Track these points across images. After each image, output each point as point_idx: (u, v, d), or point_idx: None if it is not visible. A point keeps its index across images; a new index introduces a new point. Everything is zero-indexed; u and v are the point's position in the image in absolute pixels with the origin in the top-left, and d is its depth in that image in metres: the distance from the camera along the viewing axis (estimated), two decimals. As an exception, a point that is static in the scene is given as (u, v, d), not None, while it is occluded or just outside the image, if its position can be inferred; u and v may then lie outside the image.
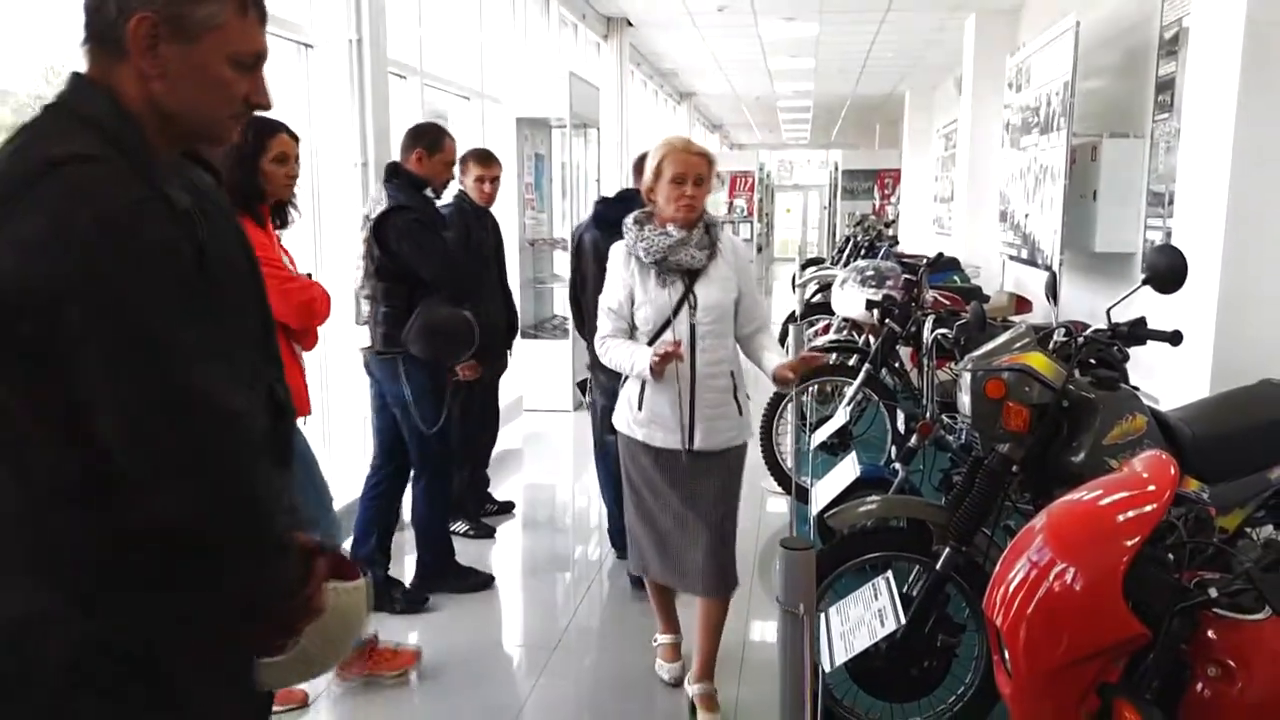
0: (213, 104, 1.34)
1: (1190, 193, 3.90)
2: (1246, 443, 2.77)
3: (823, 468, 3.91)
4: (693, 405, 2.94)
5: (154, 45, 1.27)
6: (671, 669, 3.36)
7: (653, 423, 2.98)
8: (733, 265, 3.02)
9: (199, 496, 1.22)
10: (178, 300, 1.22)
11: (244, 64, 1.34)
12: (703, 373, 2.94)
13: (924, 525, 2.79)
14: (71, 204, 1.16)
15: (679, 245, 2.91)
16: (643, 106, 13.27)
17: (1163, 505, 1.52)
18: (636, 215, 3.01)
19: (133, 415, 1.19)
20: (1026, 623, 1.51)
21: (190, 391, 1.21)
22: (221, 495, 1.24)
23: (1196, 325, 3.56)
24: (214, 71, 1.31)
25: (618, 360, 2.99)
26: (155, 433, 1.20)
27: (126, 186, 1.21)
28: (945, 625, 2.72)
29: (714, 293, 2.96)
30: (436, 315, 3.66)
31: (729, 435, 3.01)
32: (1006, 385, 2.59)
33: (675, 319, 2.94)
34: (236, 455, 1.25)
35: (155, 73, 1.29)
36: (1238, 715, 1.45)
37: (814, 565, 1.86)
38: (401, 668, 3.39)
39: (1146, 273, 2.61)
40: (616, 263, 3.03)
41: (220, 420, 1.23)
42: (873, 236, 10.49)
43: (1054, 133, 5.68)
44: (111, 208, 1.18)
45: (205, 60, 1.30)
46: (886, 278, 5.81)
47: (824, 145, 25.05)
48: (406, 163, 3.81)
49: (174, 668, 1.29)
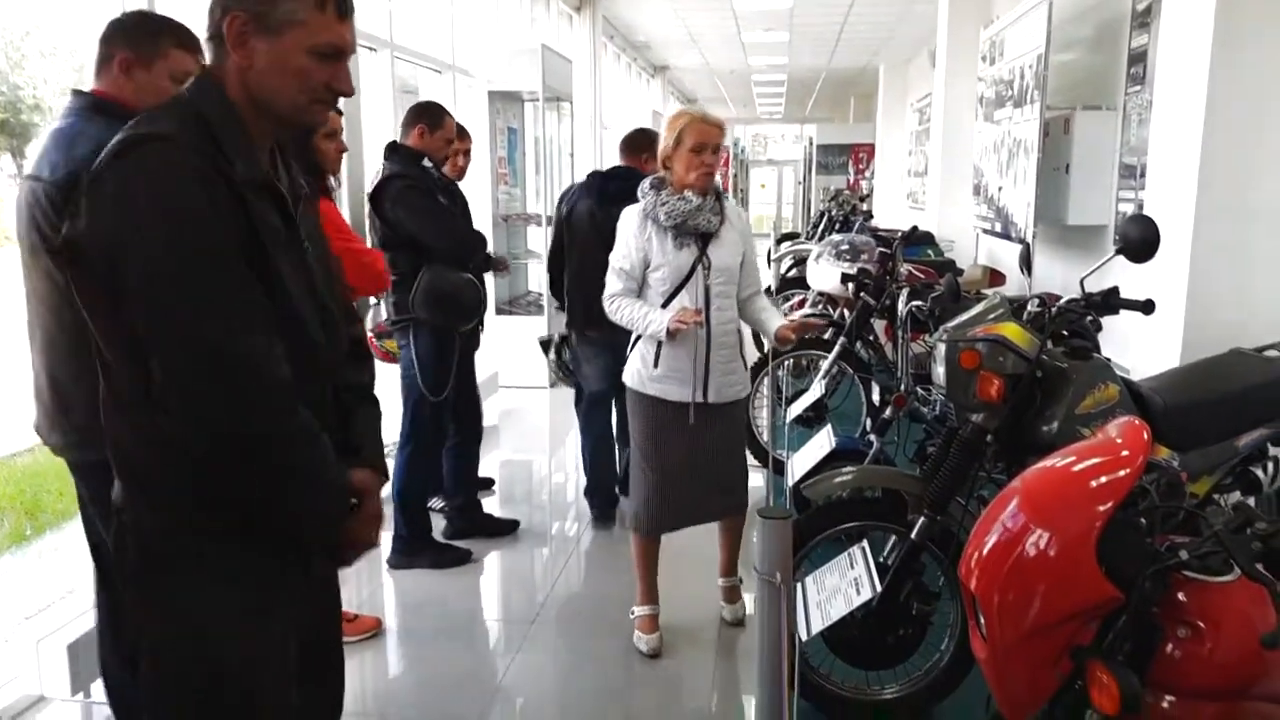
0: (295, 91, 1.53)
1: (1162, 164, 3.93)
2: (1216, 411, 2.81)
3: (799, 440, 3.93)
4: (708, 362, 3.18)
5: (245, 40, 1.50)
6: (649, 640, 3.41)
7: (668, 378, 3.20)
8: (738, 230, 3.26)
9: (214, 433, 1.44)
10: (206, 257, 1.42)
11: (324, 55, 1.53)
12: (716, 331, 3.18)
13: (899, 495, 2.81)
14: (135, 176, 1.41)
15: (697, 211, 3.12)
16: (616, 80, 13.18)
17: (1136, 471, 1.53)
18: (652, 180, 3.21)
19: (165, 361, 1.42)
20: (1001, 587, 1.53)
21: (207, 338, 1.41)
22: (238, 439, 1.45)
23: (1168, 295, 3.59)
24: (295, 62, 1.51)
25: (630, 318, 3.17)
26: (182, 379, 1.42)
27: (184, 163, 1.42)
28: (920, 593, 2.75)
29: (725, 255, 3.19)
30: (441, 280, 3.78)
31: (736, 389, 3.30)
32: (981, 355, 2.61)
33: (690, 281, 3.15)
34: (255, 400, 1.45)
35: (247, 64, 1.51)
36: (1207, 674, 1.47)
37: (790, 535, 1.87)
38: (362, 633, 3.47)
39: (1119, 243, 2.63)
40: (630, 226, 3.21)
41: (237, 365, 1.43)
42: (847, 211, 10.49)
43: (1027, 106, 5.70)
44: (164, 181, 1.41)
45: (287, 52, 1.50)
46: (861, 252, 5.81)
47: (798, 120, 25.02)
48: (408, 138, 3.96)
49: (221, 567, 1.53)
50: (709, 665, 3.36)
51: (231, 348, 1.43)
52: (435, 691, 3.21)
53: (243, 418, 1.45)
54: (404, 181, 3.77)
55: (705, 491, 3.32)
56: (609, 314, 3.25)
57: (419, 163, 3.91)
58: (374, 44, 5.59)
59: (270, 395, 1.47)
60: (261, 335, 1.47)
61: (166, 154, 1.43)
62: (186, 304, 1.41)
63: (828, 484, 2.92)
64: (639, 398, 3.28)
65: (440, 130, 3.98)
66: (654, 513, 3.32)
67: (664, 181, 3.18)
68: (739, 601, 3.61)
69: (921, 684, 2.84)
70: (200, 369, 1.41)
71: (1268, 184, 3.57)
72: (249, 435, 1.46)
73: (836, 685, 2.89)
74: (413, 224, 3.76)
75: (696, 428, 3.22)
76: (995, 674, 1.60)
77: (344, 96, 1.60)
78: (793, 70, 16.38)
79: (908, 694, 2.85)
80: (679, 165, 3.13)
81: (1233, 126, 3.55)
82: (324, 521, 1.60)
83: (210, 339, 1.41)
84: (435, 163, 4.01)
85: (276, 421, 1.49)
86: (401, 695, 3.21)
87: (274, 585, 1.60)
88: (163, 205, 1.40)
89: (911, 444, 4.22)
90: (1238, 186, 3.57)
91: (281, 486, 1.52)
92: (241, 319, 1.45)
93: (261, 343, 1.47)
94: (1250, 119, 3.53)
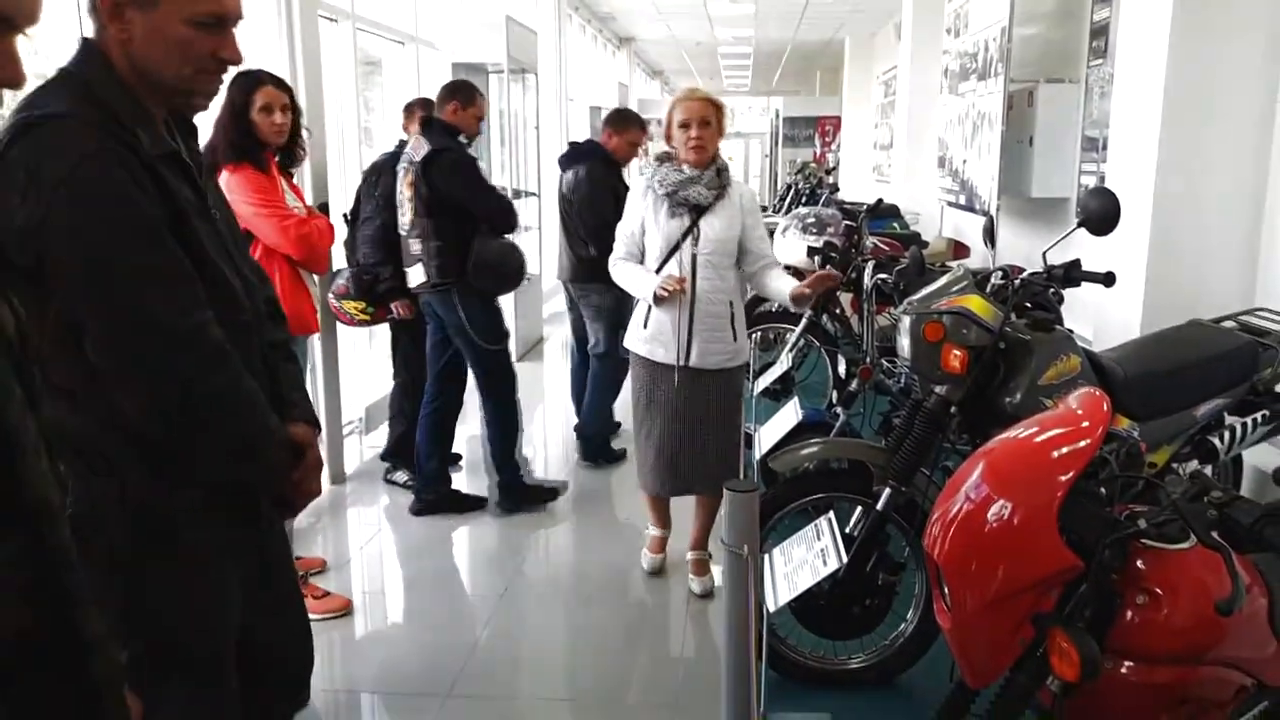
0: (179, 62, 1.50)
1: (1123, 137, 3.96)
2: (1175, 381, 2.85)
3: (766, 414, 3.94)
4: (691, 326, 3.35)
5: (120, 12, 1.46)
6: (653, 560, 3.80)
7: (655, 340, 3.41)
8: (739, 206, 3.40)
9: (156, 398, 1.48)
10: (132, 234, 1.44)
11: (205, 24, 1.49)
12: (702, 298, 3.35)
13: (865, 467, 2.83)
14: (41, 157, 1.39)
15: (689, 182, 3.31)
16: (582, 52, 13.07)
17: (1096, 441, 1.55)
18: (658, 154, 3.44)
19: (100, 332, 1.44)
20: (964, 557, 1.55)
21: (143, 310, 1.44)
22: (173, 397, 1.48)
23: (1128, 267, 3.63)
24: (174, 32, 1.47)
25: (625, 280, 3.46)
26: (117, 346, 1.45)
27: (88, 139, 1.41)
28: (886, 564, 2.78)
29: (718, 227, 3.34)
30: (488, 249, 4.08)
31: (722, 358, 3.42)
32: (945, 328, 2.63)
33: (680, 249, 3.33)
34: (198, 366, 1.49)
35: (125, 36, 1.47)
36: (1164, 639, 1.50)
37: (757, 507, 1.89)
38: (329, 612, 3.48)
39: (1081, 215, 2.65)
40: (636, 195, 3.47)
41: (177, 336, 1.47)
42: (814, 184, 10.48)
43: (991, 78, 5.72)
44: (72, 158, 1.39)
45: (165, 22, 1.47)
46: (827, 225, 5.81)
47: (765, 92, 24.94)
48: (442, 114, 4.20)
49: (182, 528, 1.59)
50: (678, 637, 3.38)
51: (179, 322, 1.47)
52: (402, 666, 3.21)
53: (195, 386, 1.49)
54: (453, 155, 4.04)
55: (699, 459, 3.45)
56: (612, 276, 3.53)
57: (455, 137, 4.13)
58: (335, 15, 5.50)
59: (218, 362, 1.53)
60: (200, 308, 1.51)
61: (71, 131, 1.41)
62: (130, 286, 1.43)
63: (794, 456, 2.93)
64: (635, 356, 3.54)
65: (472, 108, 4.24)
66: (651, 477, 3.55)
67: (670, 155, 3.40)
68: (708, 574, 3.66)
69: (888, 653, 2.87)
70: (153, 346, 1.46)
71: (1226, 157, 3.62)
72: (202, 401, 1.51)
73: (804, 655, 2.92)
74: (463, 195, 4.03)
75: (685, 391, 3.41)
76: (959, 642, 1.63)
77: (232, 65, 1.57)
78: (759, 43, 16.32)
79: (874, 663, 2.88)
80: (675, 141, 3.37)
81: (1192, 99, 3.58)
82: (275, 473, 1.69)
83: (159, 317, 1.45)
84: (468, 138, 4.25)
85: (224, 385, 1.54)
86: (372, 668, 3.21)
87: (229, 549, 1.67)
88: (84, 189, 1.39)
89: (877, 416, 4.25)
90: (1197, 159, 3.61)
91: (235, 445, 1.59)
92: (182, 292, 1.49)
93: (201, 313, 1.51)
94: (1209, 92, 3.57)
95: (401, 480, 4.69)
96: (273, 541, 1.84)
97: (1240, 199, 3.64)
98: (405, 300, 4.37)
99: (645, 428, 3.52)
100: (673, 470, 3.50)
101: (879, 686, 2.88)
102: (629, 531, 4.11)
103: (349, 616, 3.50)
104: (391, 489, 4.69)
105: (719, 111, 3.38)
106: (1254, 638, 1.58)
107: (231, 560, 1.68)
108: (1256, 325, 3.12)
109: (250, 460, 1.63)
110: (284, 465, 1.69)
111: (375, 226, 4.30)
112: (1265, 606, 1.60)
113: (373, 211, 4.32)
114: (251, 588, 1.73)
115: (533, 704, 3.04)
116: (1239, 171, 3.63)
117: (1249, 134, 3.60)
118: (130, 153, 1.45)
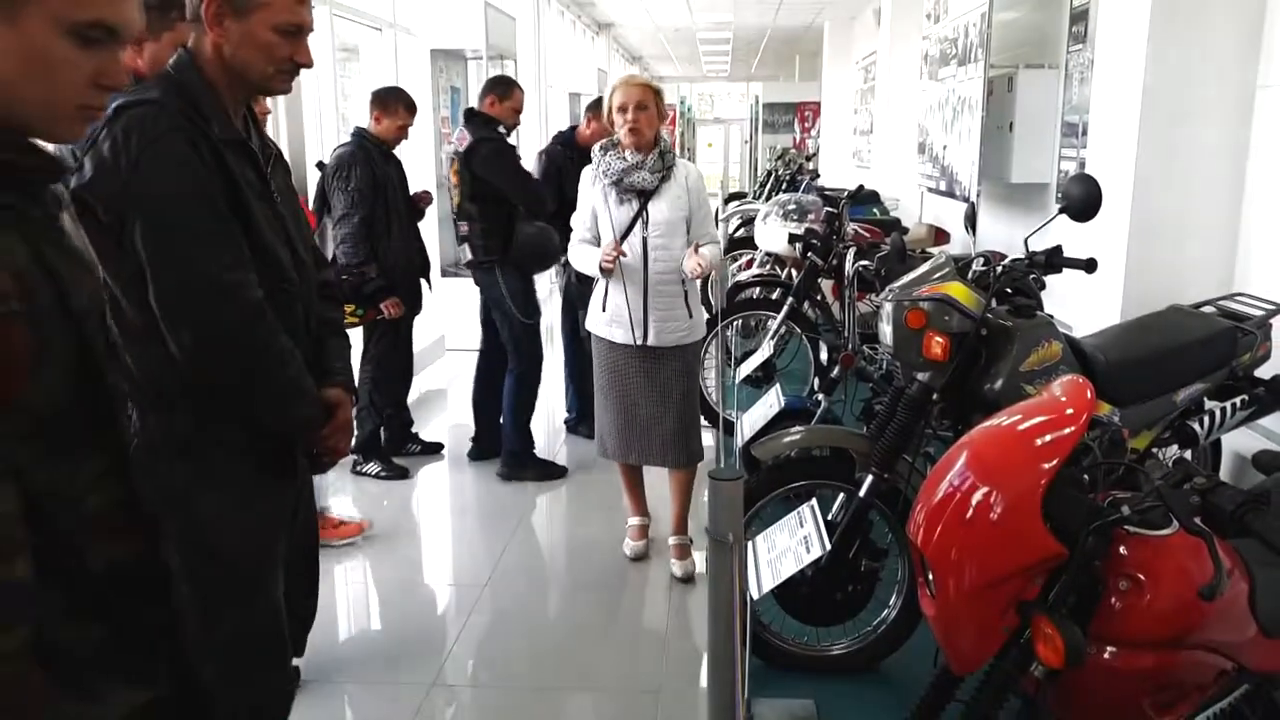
0: (264, 62, 1.78)
1: (1103, 123, 3.97)
2: (1155, 367, 2.87)
3: (748, 401, 3.95)
4: (645, 307, 3.45)
5: (220, 20, 1.75)
6: (635, 547, 3.85)
7: (613, 322, 3.51)
8: (685, 187, 3.46)
9: (197, 344, 1.71)
10: (191, 199, 1.68)
11: (287, 32, 1.78)
12: (654, 280, 3.44)
13: (847, 454, 2.84)
14: (128, 133, 1.66)
15: (632, 169, 3.39)
16: (561, 37, 12.99)
17: (1080, 428, 1.56)
18: (603, 143, 3.49)
19: (160, 287, 1.68)
20: (948, 545, 1.55)
21: (192, 264, 1.68)
22: (210, 343, 1.72)
23: (1109, 253, 3.65)
24: (262, 37, 1.76)
25: (581, 262, 3.55)
26: (169, 294, 1.69)
27: (169, 121, 1.68)
28: (869, 550, 2.79)
29: (664, 209, 3.42)
30: (525, 234, 4.46)
31: (679, 335, 3.52)
32: (926, 315, 2.63)
33: (630, 233, 3.42)
34: (233, 317, 1.72)
35: (222, 40, 1.76)
36: (1147, 624, 1.51)
37: (741, 495, 1.88)
38: (348, 536, 3.92)
39: (1062, 202, 2.66)
40: (584, 185, 3.55)
41: (217, 289, 1.70)
42: (794, 170, 10.48)
43: (971, 64, 5.72)
44: (153, 135, 1.66)
45: (255, 30, 1.75)
46: (808, 211, 5.81)
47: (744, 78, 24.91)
48: (482, 106, 4.59)
49: (226, 464, 1.81)
50: (661, 624, 3.38)
51: (222, 276, 1.71)
52: (382, 661, 3.19)
53: (234, 335, 1.73)
54: (493, 145, 4.39)
55: (654, 425, 3.55)
56: (571, 261, 3.66)
57: (494, 128, 4.48)
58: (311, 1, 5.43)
59: (254, 317, 1.75)
60: (242, 269, 1.74)
61: (155, 115, 1.69)
62: (183, 242, 1.68)
63: (776, 444, 2.94)
64: (595, 339, 3.62)
65: (509, 101, 4.58)
66: (612, 443, 3.66)
67: (615, 144, 3.45)
68: (689, 559, 3.68)
69: (870, 639, 2.89)
70: (198, 297, 1.70)
71: (1207, 143, 3.63)
72: (239, 349, 1.74)
73: (787, 642, 2.93)
74: (501, 182, 4.36)
75: (644, 369, 3.53)
76: (943, 629, 1.63)
77: (305, 68, 1.84)
78: (738, 28, 16.27)
79: (857, 649, 2.90)
80: (615, 126, 3.43)
81: (1172, 85, 3.59)
82: (303, 425, 1.89)
83: (204, 270, 1.69)
84: (506, 129, 4.59)
85: (260, 337, 1.76)
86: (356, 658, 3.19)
87: (270, 491, 1.89)
88: (156, 156, 1.66)
89: (858, 403, 4.26)
90: (1177, 145, 3.63)
91: (267, 393, 1.81)
92: (229, 254, 1.73)
93: (243, 274, 1.74)
94: (1189, 78, 3.58)
95: (374, 472, 4.68)
96: (303, 500, 2.03)
97: (1220, 186, 3.65)
98: (395, 299, 4.35)
99: (605, 399, 3.63)
100: (634, 437, 3.59)
101: (862, 672, 2.89)
102: (612, 518, 4.10)
103: (334, 607, 3.49)
104: (363, 480, 4.68)
105: (657, 96, 3.47)
106: (1235, 622, 1.59)
107: (270, 503, 1.90)
108: (1235, 310, 3.15)
109: (281, 411, 1.84)
110: (315, 421, 1.91)
111: (354, 223, 4.21)
112: (1246, 591, 1.61)
113: (349, 207, 4.21)
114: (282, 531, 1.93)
115: (516, 692, 3.03)
116: (1219, 158, 3.64)
117: (1229, 120, 3.62)
118: (202, 136, 1.71)
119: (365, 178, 4.21)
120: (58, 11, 1.05)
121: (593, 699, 3.03)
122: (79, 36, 1.08)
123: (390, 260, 4.35)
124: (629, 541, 3.87)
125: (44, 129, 1.13)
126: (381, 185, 4.32)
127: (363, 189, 4.21)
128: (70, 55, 1.08)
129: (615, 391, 3.59)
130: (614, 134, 3.46)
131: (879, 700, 2.81)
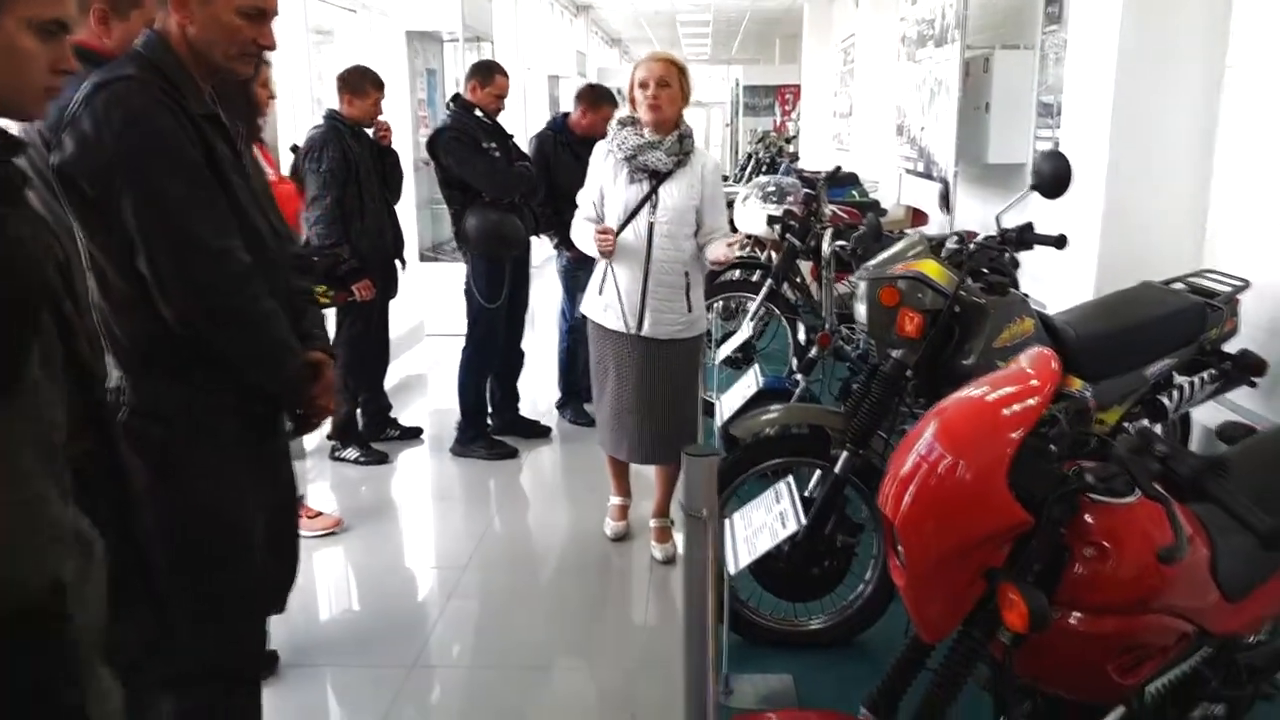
0: (226, 44, 1.83)
1: (1077, 103, 4.00)
2: (1126, 342, 2.90)
3: (727, 382, 3.97)
4: (644, 294, 3.33)
5: (185, 2, 1.80)
6: (615, 527, 3.85)
7: (609, 308, 3.39)
8: (700, 176, 3.34)
9: (190, 307, 1.78)
10: (179, 169, 1.75)
11: (250, 15, 1.82)
12: (657, 267, 3.32)
13: (824, 431, 2.86)
14: (109, 108, 1.71)
15: (648, 147, 3.28)
16: (538, 20, 12.93)
17: (1045, 398, 1.58)
18: (621, 118, 3.40)
19: (150, 251, 1.74)
20: (917, 514, 1.57)
21: (185, 230, 1.75)
22: (203, 305, 1.79)
23: (1082, 231, 3.68)
24: (225, 20, 1.81)
25: (580, 240, 3.44)
26: (161, 259, 1.74)
27: (148, 95, 1.75)
28: (844, 526, 2.82)
29: (676, 195, 3.30)
30: (483, 218, 4.48)
31: (675, 328, 3.39)
32: (900, 292, 2.65)
33: (638, 216, 3.30)
34: (226, 281, 1.80)
35: (187, 21, 1.81)
36: (1110, 590, 1.53)
37: (716, 471, 1.90)
38: (324, 528, 3.91)
39: (1033, 179, 2.68)
40: (596, 160, 3.45)
41: (210, 254, 1.78)
42: (774, 153, 10.52)
43: (948, 45, 5.73)
44: (134, 108, 1.73)
45: (219, 12, 1.80)
46: (788, 193, 5.82)
47: (725, 61, 24.84)
48: (465, 92, 4.68)
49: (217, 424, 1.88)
50: (640, 603, 3.41)
51: (214, 241, 1.78)
52: (365, 644, 3.21)
53: (227, 297, 1.81)
54: (451, 133, 4.47)
55: (654, 430, 3.45)
56: (573, 238, 3.54)
57: (472, 113, 4.56)
58: (284, -17, 5.39)
59: (245, 280, 1.83)
60: (231, 235, 1.82)
61: (136, 90, 1.74)
62: (176, 208, 1.74)
63: (755, 422, 2.96)
64: (590, 323, 3.53)
65: (490, 87, 4.61)
66: (605, 435, 3.60)
67: (633, 120, 3.36)
68: (669, 541, 3.69)
69: (847, 613, 2.92)
70: (191, 262, 1.76)
71: (1178, 122, 3.66)
72: (232, 311, 1.82)
73: (765, 618, 2.96)
74: (459, 170, 4.45)
75: (638, 360, 3.41)
76: (913, 598, 1.65)
77: (268, 51, 1.91)
78: (718, 9, 16.23)
79: (834, 624, 2.93)
80: (636, 103, 3.33)
81: (1145, 66, 3.62)
82: (294, 384, 1.96)
83: (197, 235, 1.76)
84: (488, 115, 4.62)
85: (251, 300, 1.84)
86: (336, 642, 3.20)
87: (255, 450, 1.96)
88: (141, 129, 1.72)
89: (836, 382, 4.29)
90: (1149, 124, 3.66)
91: (256, 353, 1.88)
92: (217, 219, 1.80)
93: (232, 239, 1.82)
94: (1161, 58, 3.61)
95: (352, 457, 4.68)
96: (287, 465, 2.11)
97: (1190, 164, 3.69)
98: (366, 281, 4.35)
99: (600, 390, 3.56)
100: (625, 434, 3.50)
101: (840, 647, 2.93)
102: (593, 499, 4.12)
103: (314, 590, 3.50)
104: (342, 465, 4.68)
105: (681, 74, 3.32)
106: (1196, 587, 1.62)
107: (257, 461, 1.97)
108: (1204, 286, 3.18)
109: (270, 370, 1.91)
110: (302, 380, 1.97)
111: (326, 204, 4.21)
112: (1207, 556, 1.64)
113: (320, 188, 4.21)
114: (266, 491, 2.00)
115: (497, 672, 3.05)
116: (1189, 137, 3.68)
117: (1199, 100, 3.65)
118: (179, 108, 1.78)
119: (337, 158, 4.21)
120: (27, 12, 1.27)
121: (572, 678, 3.06)
122: (42, 31, 1.30)
123: (364, 241, 4.35)
124: (609, 521, 3.87)
125: (15, 110, 1.37)
126: (354, 166, 4.31)
127: (334, 169, 4.21)
128: (35, 48, 1.30)
129: (606, 379, 3.50)
130: (634, 112, 3.36)
131: (856, 675, 2.83)
